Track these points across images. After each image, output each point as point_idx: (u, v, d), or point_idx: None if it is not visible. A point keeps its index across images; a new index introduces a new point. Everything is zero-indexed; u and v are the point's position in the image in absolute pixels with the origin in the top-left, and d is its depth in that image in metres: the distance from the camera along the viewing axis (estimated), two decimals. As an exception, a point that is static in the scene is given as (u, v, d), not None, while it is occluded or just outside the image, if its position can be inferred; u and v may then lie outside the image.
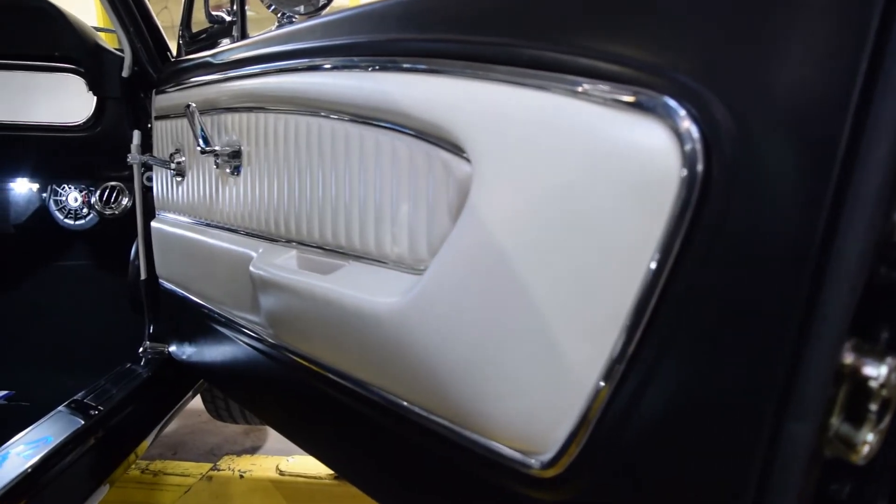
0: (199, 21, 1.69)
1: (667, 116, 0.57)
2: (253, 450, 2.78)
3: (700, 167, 0.56)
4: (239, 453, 2.71)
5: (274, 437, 2.86)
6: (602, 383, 0.64)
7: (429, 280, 0.77)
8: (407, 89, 0.82)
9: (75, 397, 1.54)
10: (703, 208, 0.56)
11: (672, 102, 0.57)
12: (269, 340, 1.22)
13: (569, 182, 0.64)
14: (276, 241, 1.15)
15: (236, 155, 1.25)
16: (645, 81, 0.60)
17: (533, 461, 0.71)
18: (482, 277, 0.70)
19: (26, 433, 1.34)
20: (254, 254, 1.18)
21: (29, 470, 1.20)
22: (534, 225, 0.66)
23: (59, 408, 1.48)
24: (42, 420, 1.40)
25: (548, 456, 0.70)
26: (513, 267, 0.67)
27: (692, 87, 0.56)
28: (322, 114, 0.99)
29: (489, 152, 0.70)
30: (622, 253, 0.61)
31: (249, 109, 1.21)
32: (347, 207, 0.95)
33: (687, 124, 0.56)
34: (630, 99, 0.60)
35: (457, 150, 0.76)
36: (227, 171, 1.28)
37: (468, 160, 0.74)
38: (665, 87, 0.58)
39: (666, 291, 0.59)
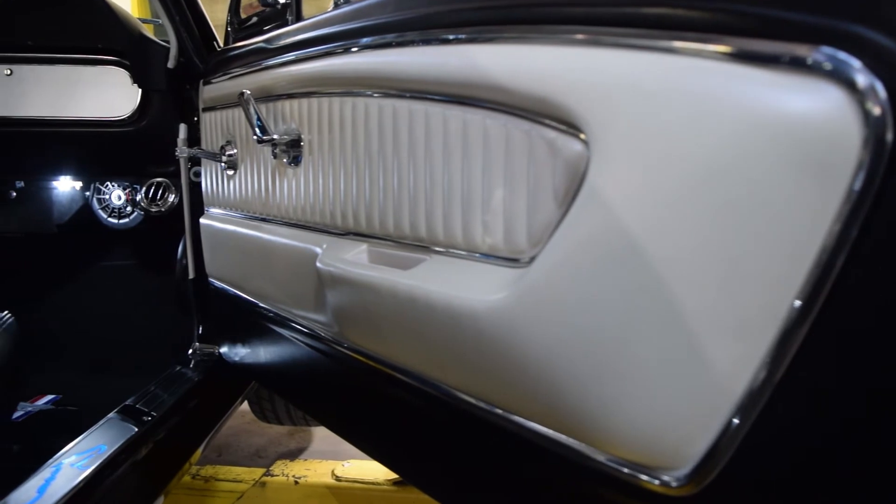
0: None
1: (840, 73, 0.48)
2: (298, 451, 2.73)
3: (890, 135, 0.46)
4: (285, 455, 2.66)
5: (319, 438, 2.80)
6: (754, 388, 0.55)
7: (537, 273, 0.68)
8: (503, 61, 0.73)
9: (126, 403, 1.48)
10: (891, 183, 0.47)
11: (846, 56, 0.48)
12: (333, 340, 1.15)
13: (714, 158, 0.55)
14: (343, 235, 1.07)
15: (295, 144, 1.17)
16: (806, 33, 0.50)
17: (666, 478, 0.62)
18: (605, 269, 0.61)
19: (78, 442, 1.28)
20: (317, 249, 1.10)
21: (83, 482, 1.13)
22: (670, 208, 0.57)
23: (110, 414, 1.42)
24: (94, 428, 1.34)
25: (682, 472, 0.61)
26: (644, 256, 0.58)
27: (868, 37, 0.47)
28: (397, 94, 0.91)
29: (612, 128, 0.61)
30: (785, 238, 0.52)
31: (309, 94, 1.13)
32: (429, 196, 0.86)
33: (867, 81, 0.47)
34: (789, 55, 0.51)
35: (566, 126, 0.67)
36: (286, 161, 1.21)
37: (580, 138, 0.65)
38: (834, 37, 0.49)
39: (841, 281, 0.50)
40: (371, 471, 1.89)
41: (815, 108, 0.50)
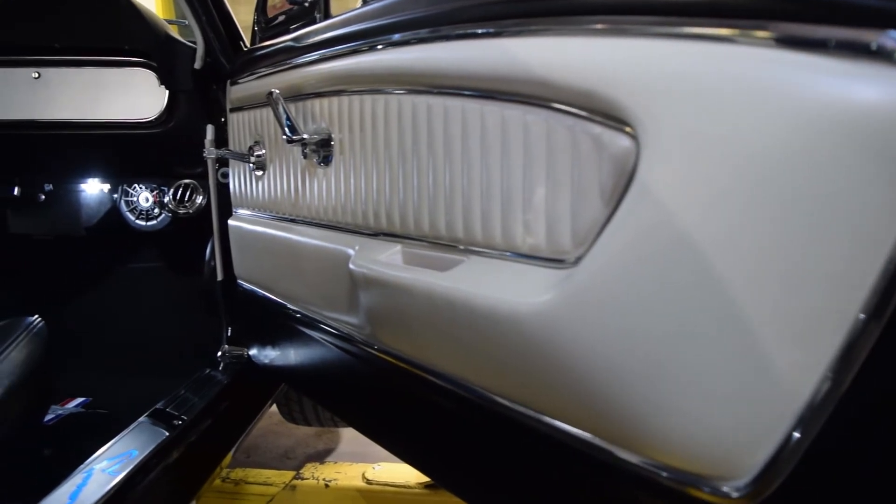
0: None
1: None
2: (326, 452, 2.71)
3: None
4: (313, 456, 2.65)
5: (347, 439, 2.79)
6: (818, 396, 0.52)
7: (585, 273, 0.65)
8: (546, 55, 0.70)
9: (157, 406, 1.46)
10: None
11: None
12: (364, 342, 1.12)
13: (775, 152, 0.52)
14: (375, 235, 1.05)
15: (326, 143, 1.15)
16: (871, 17, 0.47)
17: (725, 488, 0.59)
18: (659, 269, 0.58)
19: (109, 447, 1.27)
20: (348, 250, 1.08)
21: (115, 488, 1.12)
22: (729, 205, 0.54)
23: (141, 418, 1.41)
24: (125, 432, 1.33)
25: (739, 483, 0.58)
26: (701, 256, 0.55)
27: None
28: (431, 91, 0.88)
29: (663, 122, 0.59)
30: (853, 236, 0.49)
31: (340, 93, 1.11)
32: (466, 195, 0.84)
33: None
34: (854, 41, 0.48)
35: (613, 121, 0.64)
36: (316, 161, 1.19)
37: (628, 133, 0.62)
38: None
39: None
40: (402, 474, 1.87)
41: (884, 97, 0.47)
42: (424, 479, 1.84)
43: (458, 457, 1.02)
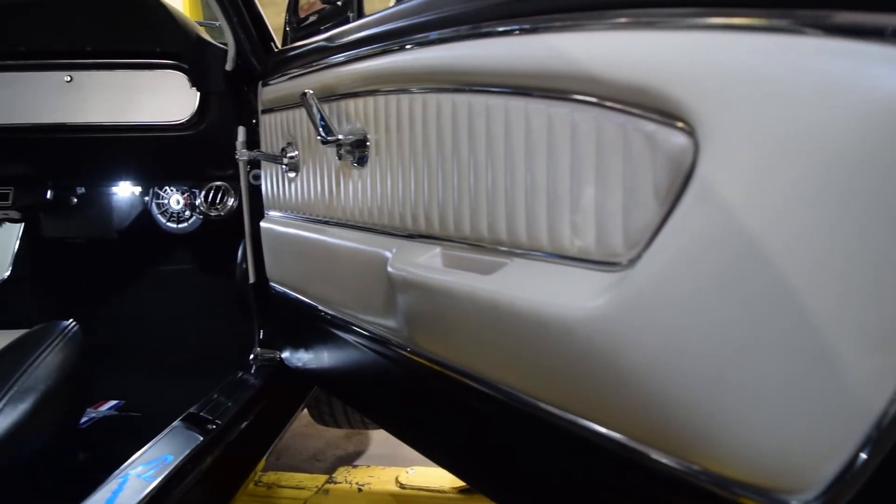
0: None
1: None
2: (356, 454, 2.70)
3: None
4: (343, 458, 2.63)
5: (377, 441, 2.78)
6: (894, 407, 0.49)
7: (641, 277, 0.62)
8: (596, 50, 0.68)
9: (190, 410, 1.46)
10: None
11: None
12: (400, 345, 1.10)
13: (849, 149, 0.49)
14: (413, 237, 1.03)
15: (361, 144, 1.13)
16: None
17: (792, 501, 0.56)
18: (724, 272, 0.56)
19: (144, 452, 1.26)
20: (385, 252, 1.06)
21: (151, 494, 1.11)
22: (800, 205, 0.51)
23: (175, 423, 1.40)
24: (159, 437, 1.32)
25: (805, 497, 0.55)
26: (771, 259, 0.53)
27: None
28: (473, 89, 0.86)
29: (725, 118, 0.56)
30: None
31: (375, 92, 1.09)
32: (510, 196, 0.81)
33: None
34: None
35: (668, 118, 0.62)
36: (351, 162, 1.17)
37: (685, 130, 0.60)
38: None
39: None
40: (436, 478, 1.85)
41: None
42: (459, 483, 1.81)
43: (496, 461, 1.00)
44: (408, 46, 0.99)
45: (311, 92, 1.15)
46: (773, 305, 0.53)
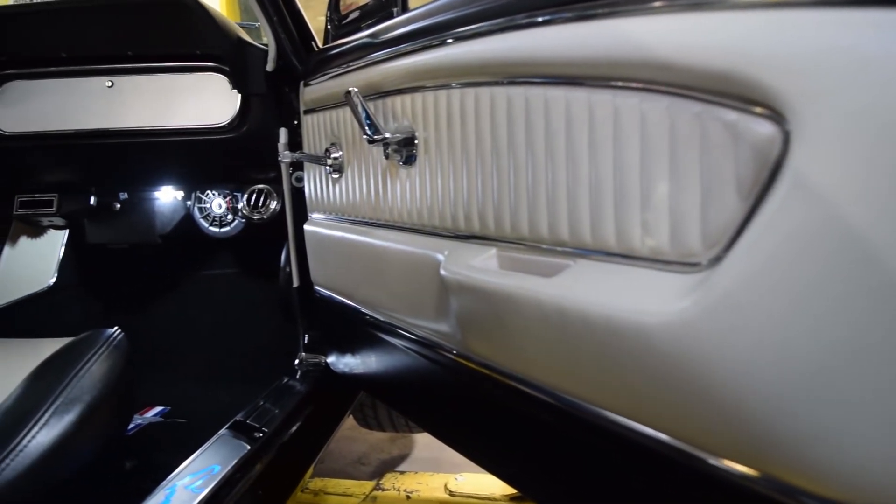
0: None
1: None
2: (401, 458, 2.67)
3: None
4: (388, 462, 2.60)
5: (421, 444, 2.75)
6: None
7: (727, 278, 0.57)
8: (668, 34, 0.63)
9: (236, 418, 1.43)
10: None
11: None
12: (452, 350, 1.06)
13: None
14: (466, 238, 0.98)
15: (409, 142, 1.09)
16: None
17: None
18: (823, 273, 0.50)
19: (191, 461, 1.23)
20: (436, 255, 1.02)
21: None
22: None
23: (222, 430, 1.37)
24: (205, 446, 1.30)
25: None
26: (878, 259, 0.47)
27: None
28: (530, 80, 0.81)
29: (821, 104, 0.50)
30: None
31: (423, 88, 1.05)
32: (572, 194, 0.76)
33: None
34: None
35: (753, 106, 0.56)
36: (398, 161, 1.13)
37: (773, 119, 0.54)
38: None
39: None
40: (486, 485, 1.80)
41: None
42: (510, 490, 1.77)
43: (552, 470, 0.95)
44: (458, 39, 0.94)
45: (356, 90, 1.11)
46: (882, 309, 0.48)
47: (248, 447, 1.29)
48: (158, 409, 1.95)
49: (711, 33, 0.59)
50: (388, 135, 1.10)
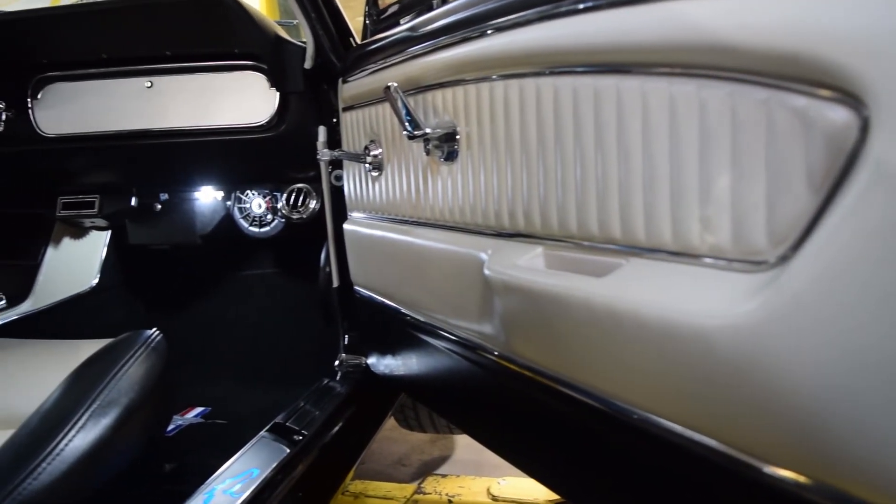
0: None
1: None
2: (441, 459, 2.64)
3: None
4: (429, 463, 2.57)
5: (462, 446, 2.71)
6: None
7: (799, 278, 0.52)
8: (730, 13, 0.58)
9: (276, 420, 1.41)
10: None
11: None
12: (495, 353, 1.03)
13: None
14: (510, 237, 0.95)
15: (450, 137, 1.06)
16: None
17: None
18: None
19: (230, 465, 1.21)
20: (480, 254, 0.98)
21: None
22: None
23: (262, 433, 1.35)
24: (244, 449, 1.28)
25: None
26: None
27: None
28: (578, 70, 0.77)
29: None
30: None
31: (462, 82, 1.01)
32: (625, 188, 0.72)
33: None
34: None
35: (826, 90, 0.52)
36: (439, 157, 1.09)
37: (849, 103, 0.50)
38: None
39: None
40: (529, 490, 1.76)
41: None
42: (553, 496, 1.73)
43: (600, 477, 0.91)
44: (502, 29, 0.90)
45: (396, 84, 1.08)
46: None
47: (288, 450, 1.27)
48: (199, 409, 1.95)
49: (778, 11, 0.54)
50: (428, 130, 1.07)
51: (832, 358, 0.50)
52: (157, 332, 1.20)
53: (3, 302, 2.11)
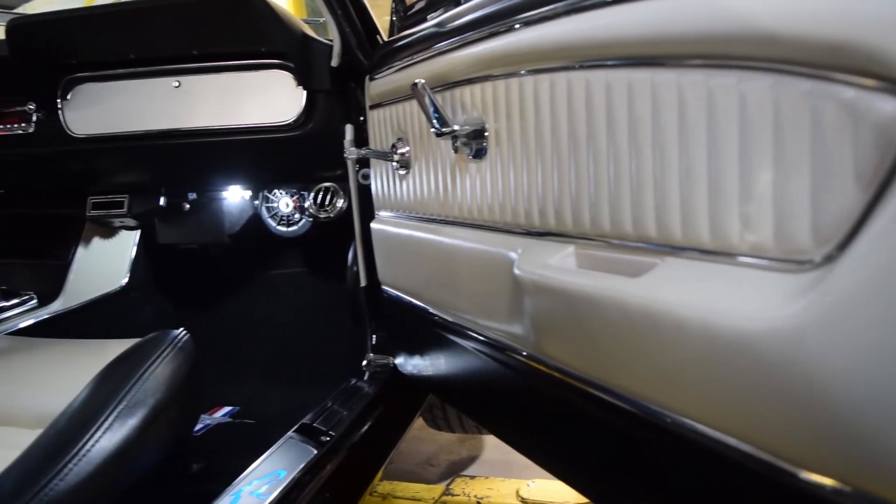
0: None
1: None
2: (470, 459, 2.62)
3: None
4: (457, 463, 2.56)
5: (491, 446, 2.69)
6: None
7: (844, 279, 0.50)
8: (773, 1, 0.56)
9: (303, 421, 1.40)
10: None
11: None
12: (525, 354, 1.00)
13: None
14: (541, 236, 0.92)
15: (479, 134, 1.04)
16: None
17: None
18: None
19: (257, 466, 1.20)
20: (509, 253, 0.96)
21: None
22: None
23: (289, 433, 1.34)
24: (271, 450, 1.27)
25: None
26: None
27: None
28: (611, 63, 0.75)
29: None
30: None
31: (491, 77, 1.00)
32: (660, 185, 0.70)
33: None
34: None
35: (875, 80, 0.49)
36: (467, 155, 1.08)
37: (903, 93, 0.47)
38: None
39: None
40: (559, 492, 1.74)
41: None
42: (583, 500, 1.70)
43: (632, 483, 0.89)
44: (530, 22, 0.88)
45: (423, 81, 1.06)
46: None
47: (315, 451, 1.26)
48: (227, 409, 1.95)
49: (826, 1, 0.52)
50: (456, 127, 1.05)
51: (882, 364, 0.48)
52: (184, 331, 1.19)
53: (35, 301, 2.13)
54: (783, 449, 0.60)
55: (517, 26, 0.91)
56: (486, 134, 1.03)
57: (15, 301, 2.10)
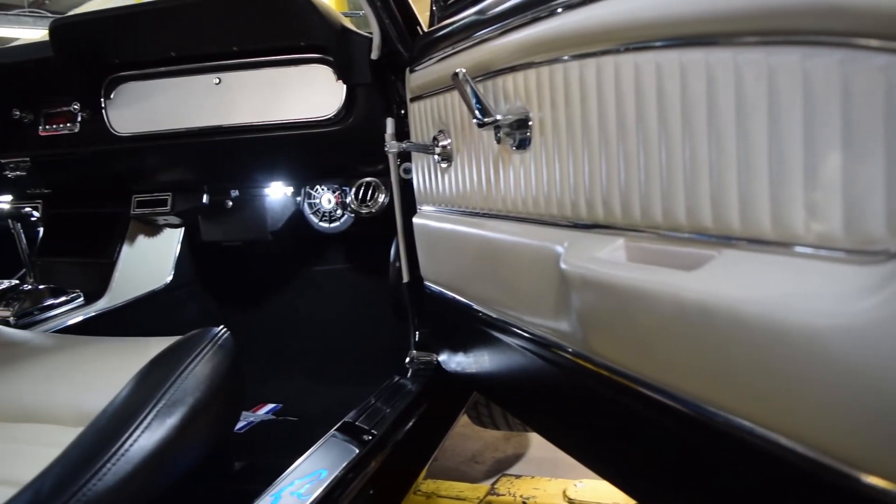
0: None
1: None
2: (516, 457, 2.59)
3: None
4: (503, 461, 2.53)
5: (537, 444, 2.66)
6: None
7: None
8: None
9: (346, 419, 1.38)
10: None
11: None
12: (571, 351, 0.97)
13: None
14: (588, 228, 0.89)
15: (522, 124, 1.00)
16: None
17: None
18: None
19: (297, 465, 1.19)
20: (555, 247, 0.93)
21: None
22: None
23: (331, 432, 1.32)
24: (313, 449, 1.25)
25: None
26: None
27: None
28: (662, 44, 0.71)
29: None
30: None
31: (534, 64, 0.96)
32: (716, 172, 0.66)
33: None
34: None
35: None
36: (511, 145, 1.04)
37: None
38: None
39: None
40: (607, 493, 1.69)
41: None
42: (632, 502, 1.66)
43: (685, 486, 0.85)
44: (573, 6, 0.84)
45: (464, 70, 1.03)
46: None
47: (357, 451, 1.24)
48: (271, 406, 1.94)
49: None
50: (499, 117, 1.02)
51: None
52: (224, 329, 1.18)
53: (81, 299, 2.15)
54: (856, 455, 0.55)
55: (560, 10, 0.88)
56: (529, 123, 0.99)
57: (62, 299, 2.12)
